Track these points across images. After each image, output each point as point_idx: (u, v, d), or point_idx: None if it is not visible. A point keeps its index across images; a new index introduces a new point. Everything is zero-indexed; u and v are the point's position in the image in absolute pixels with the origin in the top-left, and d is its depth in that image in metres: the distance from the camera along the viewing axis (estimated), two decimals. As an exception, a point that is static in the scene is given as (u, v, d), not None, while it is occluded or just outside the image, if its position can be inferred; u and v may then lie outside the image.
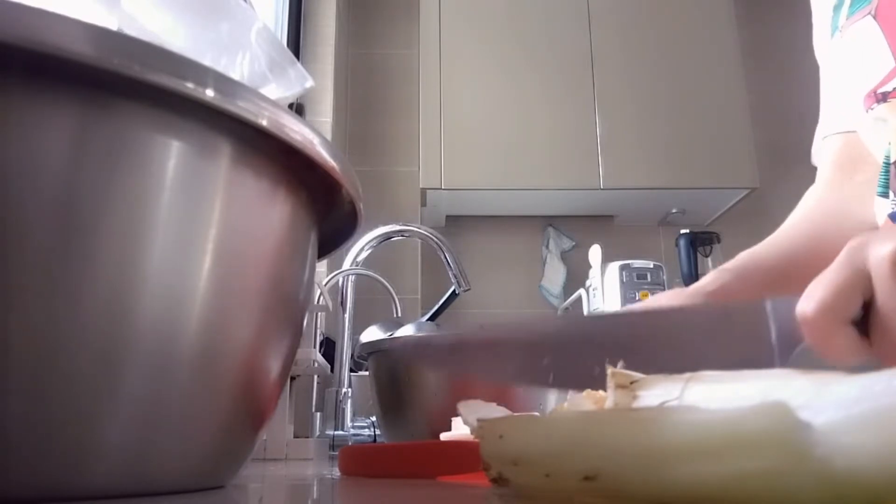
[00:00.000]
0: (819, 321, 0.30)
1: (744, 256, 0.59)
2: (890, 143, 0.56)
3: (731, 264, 0.58)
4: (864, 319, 0.30)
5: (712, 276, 0.56)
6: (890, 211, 0.57)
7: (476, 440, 0.23)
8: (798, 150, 0.75)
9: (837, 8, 0.61)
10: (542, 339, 0.35)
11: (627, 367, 0.25)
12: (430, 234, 1.08)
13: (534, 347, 0.32)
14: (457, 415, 0.36)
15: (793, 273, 0.56)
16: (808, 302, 0.30)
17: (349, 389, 1.04)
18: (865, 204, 0.62)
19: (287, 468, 0.56)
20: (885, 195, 0.59)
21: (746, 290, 0.54)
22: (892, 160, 0.56)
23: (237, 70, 0.36)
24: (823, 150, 0.70)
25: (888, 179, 0.57)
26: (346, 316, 1.13)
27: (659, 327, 0.33)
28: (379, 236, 1.09)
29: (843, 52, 0.61)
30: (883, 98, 0.55)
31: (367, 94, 2.23)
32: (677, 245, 2.04)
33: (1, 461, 0.21)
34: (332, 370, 1.03)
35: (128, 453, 0.24)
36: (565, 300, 2.14)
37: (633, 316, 0.37)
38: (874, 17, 0.55)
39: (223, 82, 0.25)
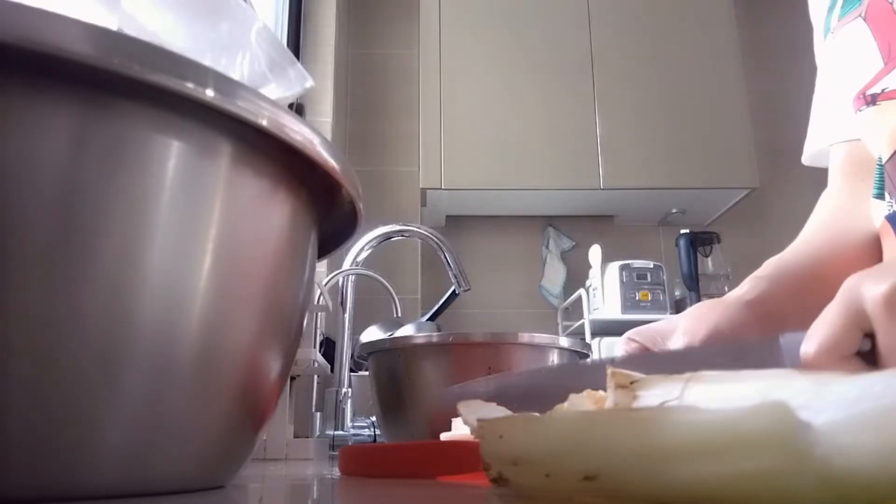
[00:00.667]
0: (821, 362, 0.30)
1: (774, 263, 0.60)
2: (881, 146, 0.56)
3: (763, 271, 0.58)
4: (873, 349, 0.30)
5: (749, 284, 0.56)
6: (887, 213, 0.57)
7: (476, 440, 0.23)
8: (798, 150, 0.75)
9: (830, 9, 0.61)
10: (573, 381, 0.37)
11: None
12: (430, 234, 1.08)
13: (565, 390, 0.33)
14: (457, 415, 0.36)
15: (823, 278, 0.58)
16: (810, 344, 0.31)
17: (349, 389, 1.04)
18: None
19: (287, 468, 0.56)
20: (880, 197, 0.59)
21: (783, 295, 0.55)
22: (884, 162, 0.56)
23: (237, 70, 0.36)
24: (832, 157, 0.71)
25: (882, 181, 0.58)
26: (346, 316, 1.13)
27: (679, 367, 0.35)
28: (379, 236, 1.09)
29: (835, 53, 0.61)
30: (872, 100, 0.55)
31: (367, 94, 2.23)
32: (677, 245, 2.04)
33: (1, 461, 0.21)
34: (332, 370, 1.03)
35: (128, 453, 0.24)
36: (565, 300, 2.14)
37: (657, 356, 0.38)
38: (864, 19, 0.56)
39: (223, 82, 0.25)
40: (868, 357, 0.31)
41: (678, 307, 1.99)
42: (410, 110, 2.14)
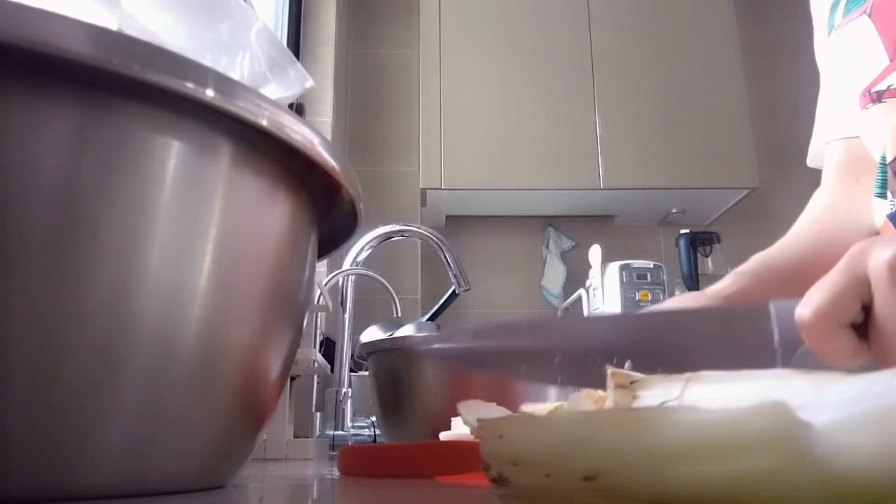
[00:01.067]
0: (816, 325, 0.30)
1: (758, 259, 0.59)
2: (885, 144, 0.56)
3: (746, 267, 0.58)
4: (866, 323, 0.30)
5: (730, 280, 0.56)
6: (889, 211, 0.57)
7: (476, 440, 0.23)
8: (798, 151, 0.75)
9: (834, 7, 0.61)
10: (554, 339, 0.36)
11: (635, 367, 0.25)
12: (430, 234, 1.08)
13: (546, 346, 0.33)
14: (457, 415, 0.36)
15: (808, 274, 0.59)
16: (806, 307, 0.31)
17: (349, 389, 1.04)
18: (872, 207, 0.62)
19: (287, 468, 0.56)
20: (882, 195, 0.59)
21: (764, 292, 0.55)
22: (888, 161, 0.56)
23: (237, 70, 0.36)
24: (827, 155, 0.70)
25: (885, 180, 0.58)
26: (346, 316, 1.13)
27: (665, 328, 0.34)
28: (379, 236, 1.09)
29: (839, 50, 0.61)
30: (878, 97, 0.55)
31: (367, 94, 2.23)
32: (677, 245, 2.04)
33: (1, 461, 0.21)
34: (332, 370, 1.03)
35: (128, 453, 0.24)
36: (565, 300, 2.14)
37: (641, 317, 0.37)
38: (869, 16, 0.55)
39: (223, 82, 0.25)
40: (860, 330, 0.30)
41: (678, 307, 1.98)
42: (410, 110, 2.14)
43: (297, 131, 0.28)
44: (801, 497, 0.14)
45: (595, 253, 2.02)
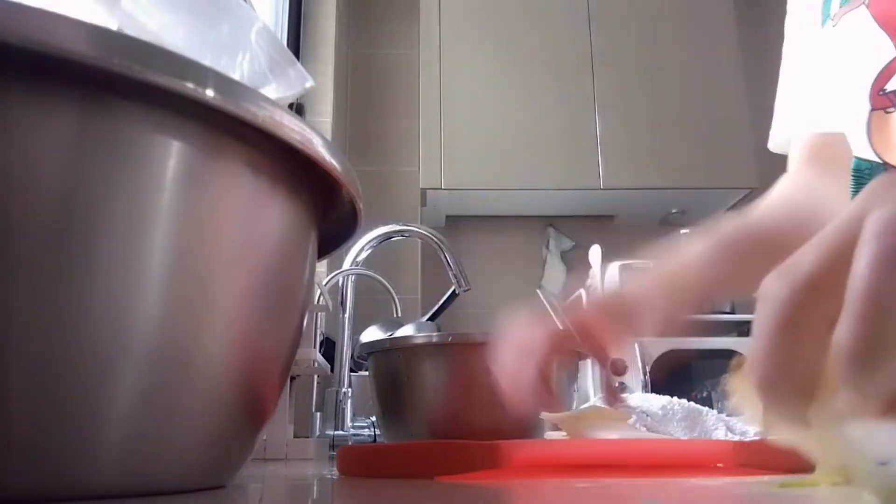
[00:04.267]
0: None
1: (735, 226, 0.57)
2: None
3: (723, 232, 0.56)
4: None
5: (706, 246, 0.55)
6: None
7: (475, 440, 0.23)
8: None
9: None
10: None
11: None
12: (430, 234, 1.08)
13: None
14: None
15: (786, 247, 0.58)
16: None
17: (349, 389, 1.04)
18: (842, 198, 0.61)
19: (287, 468, 0.56)
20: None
21: (743, 260, 0.53)
22: None
23: (237, 70, 0.37)
24: (796, 144, 0.70)
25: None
26: (346, 316, 1.13)
27: None
28: (379, 236, 1.09)
29: (835, 41, 0.60)
30: (891, 102, 0.54)
31: (367, 94, 2.23)
32: (677, 245, 2.04)
33: (1, 461, 0.21)
34: (332, 370, 1.03)
35: (128, 453, 0.24)
36: (565, 300, 2.14)
37: None
38: (867, 7, 0.55)
39: (223, 82, 0.25)
40: None
41: (678, 307, 1.98)
42: (410, 110, 2.14)
43: (297, 131, 0.28)
44: None
45: (595, 253, 2.02)
